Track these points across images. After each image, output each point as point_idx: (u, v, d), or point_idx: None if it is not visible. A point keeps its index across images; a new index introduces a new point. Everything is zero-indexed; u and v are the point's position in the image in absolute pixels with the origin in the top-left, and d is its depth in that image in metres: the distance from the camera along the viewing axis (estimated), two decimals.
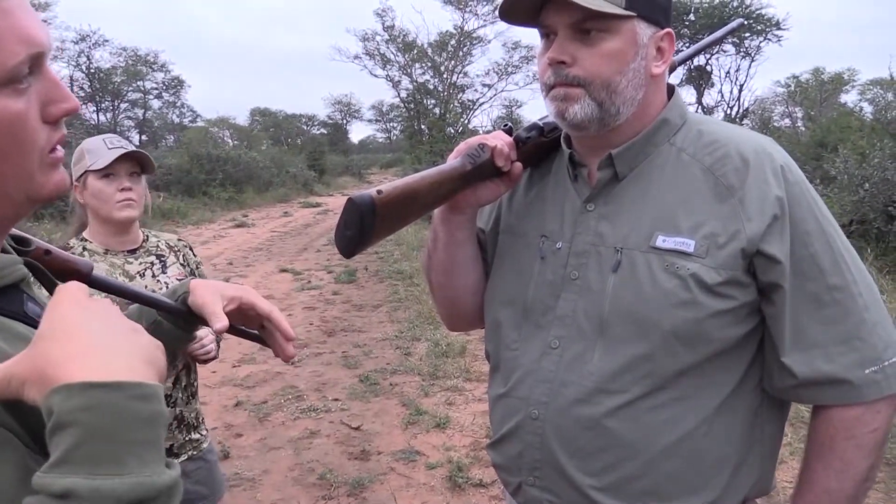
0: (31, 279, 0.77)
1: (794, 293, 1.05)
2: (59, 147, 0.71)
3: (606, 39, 1.06)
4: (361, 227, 1.06)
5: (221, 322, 0.94)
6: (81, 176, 1.89)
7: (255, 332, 1.03)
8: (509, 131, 1.20)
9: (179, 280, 1.98)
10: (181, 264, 2.07)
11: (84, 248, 1.92)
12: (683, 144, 1.14)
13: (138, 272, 1.94)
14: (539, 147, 1.23)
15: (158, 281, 1.97)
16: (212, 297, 0.96)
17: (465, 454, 3.88)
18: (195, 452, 2.01)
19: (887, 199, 6.98)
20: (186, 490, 1.83)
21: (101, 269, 1.90)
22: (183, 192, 19.29)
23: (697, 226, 1.07)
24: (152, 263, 2.00)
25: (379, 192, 1.06)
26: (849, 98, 31.69)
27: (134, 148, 1.93)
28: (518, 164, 1.18)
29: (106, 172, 1.87)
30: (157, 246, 2.04)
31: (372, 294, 8.23)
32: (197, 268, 2.14)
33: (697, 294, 1.04)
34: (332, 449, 4.02)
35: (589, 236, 1.14)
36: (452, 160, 1.14)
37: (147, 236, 2.04)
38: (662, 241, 1.07)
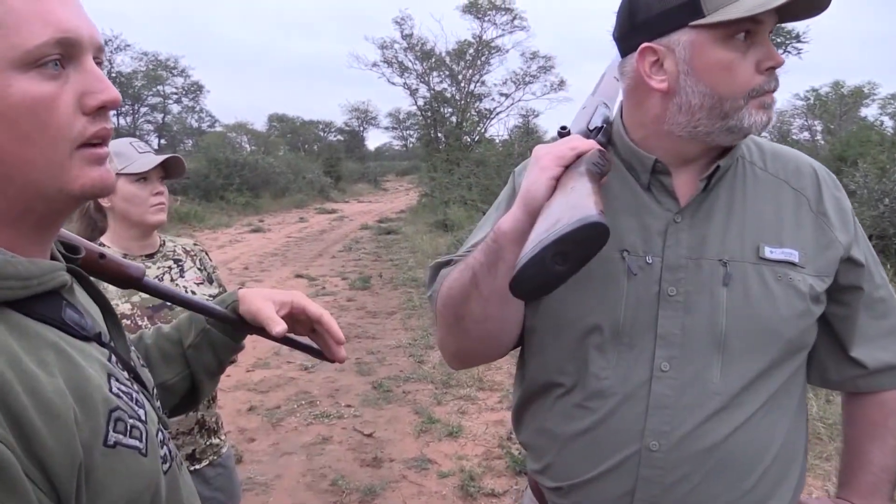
0: (75, 285, 0.76)
1: (864, 294, 1.14)
2: (103, 144, 0.70)
3: None
4: (583, 260, 0.91)
5: (280, 326, 0.95)
6: None
7: (305, 342, 1.04)
8: (566, 135, 1.08)
9: (197, 284, 2.01)
10: (198, 269, 2.07)
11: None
12: (752, 158, 1.14)
13: (156, 276, 1.94)
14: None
15: (177, 285, 1.97)
16: (264, 303, 0.98)
17: (478, 463, 3.86)
18: (216, 458, 2.00)
19: None
20: (206, 497, 1.82)
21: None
22: (200, 197, 19.43)
23: (795, 236, 1.08)
24: (170, 268, 2.00)
25: (601, 211, 0.89)
26: (869, 112, 31.45)
27: (156, 152, 1.96)
28: (606, 176, 1.06)
29: (141, 176, 1.89)
30: (174, 251, 2.05)
31: (386, 301, 8.23)
32: (214, 272, 2.14)
33: (809, 303, 1.07)
34: (345, 455, 4.01)
35: (683, 249, 1.07)
36: (575, 170, 0.98)
37: (164, 241, 2.05)
38: (770, 252, 1.06)
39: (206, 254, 2.17)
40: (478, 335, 1.13)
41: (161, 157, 1.91)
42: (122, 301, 1.81)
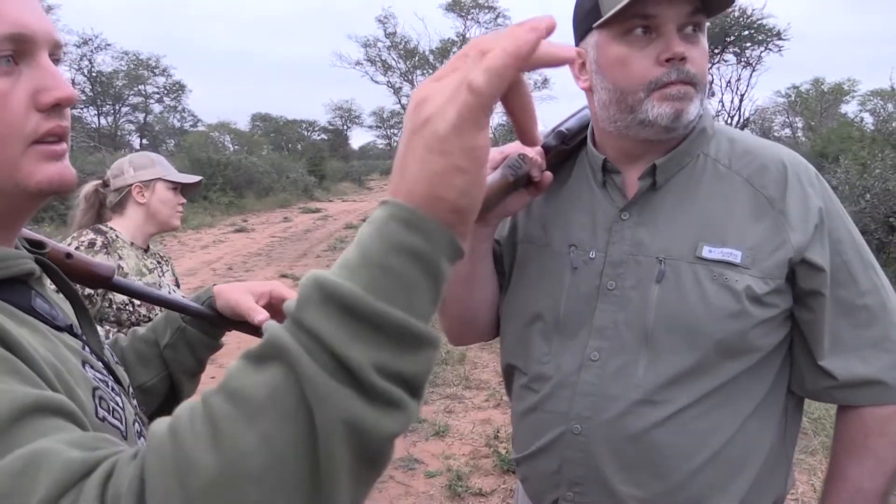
0: (43, 278, 0.76)
1: (831, 300, 1.09)
2: (60, 141, 0.70)
3: (702, 38, 1.07)
4: None
5: (262, 314, 0.95)
6: (151, 181, 2.26)
7: None
8: (556, 136, 1.17)
9: (175, 286, 2.37)
10: (172, 273, 2.44)
11: (117, 236, 2.22)
12: (717, 155, 1.14)
13: (151, 269, 2.28)
14: (559, 154, 1.19)
15: (163, 280, 2.29)
16: (243, 295, 0.97)
17: (465, 463, 3.86)
18: None
19: (888, 209, 6.98)
20: None
21: (130, 258, 2.15)
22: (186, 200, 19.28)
23: (741, 236, 1.07)
24: (158, 264, 2.35)
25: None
26: (849, 108, 31.82)
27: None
28: (548, 174, 1.11)
29: (175, 186, 2.32)
30: (157, 253, 2.41)
31: None
32: (177, 277, 2.50)
33: (746, 304, 1.06)
34: None
35: (626, 246, 1.11)
36: (493, 172, 1.06)
37: (149, 245, 2.38)
38: (709, 252, 1.07)
39: (173, 263, 2.55)
40: (454, 314, 1.28)
41: (196, 178, 2.43)
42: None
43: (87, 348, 0.75)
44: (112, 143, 29.68)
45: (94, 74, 31.44)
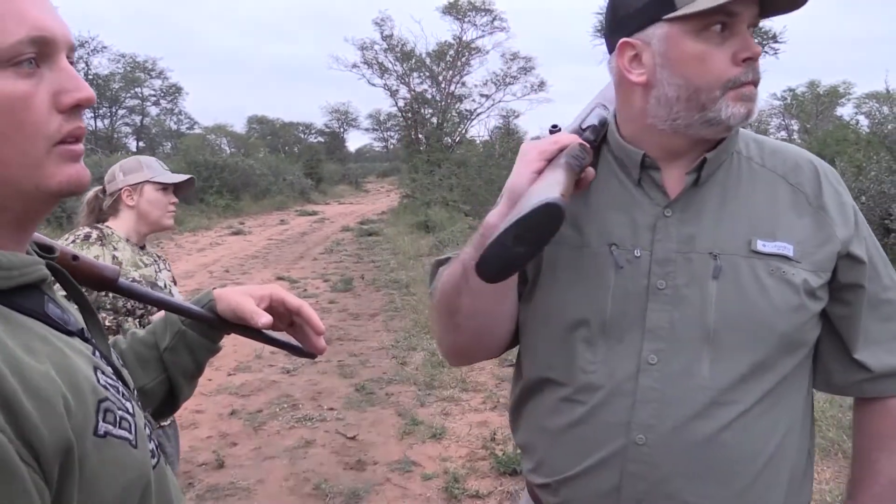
0: (54, 283, 0.77)
1: (867, 293, 1.10)
2: (77, 142, 0.70)
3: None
4: (540, 242, 0.93)
5: (264, 317, 0.95)
6: (139, 184, 2.33)
7: (284, 338, 1.03)
8: (556, 132, 1.08)
9: (172, 282, 2.42)
10: (168, 270, 2.49)
11: (112, 232, 2.29)
12: (749, 153, 1.13)
13: (148, 264, 2.35)
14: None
15: (159, 277, 2.36)
16: (244, 298, 0.97)
17: (462, 465, 3.86)
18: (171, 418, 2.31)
19: (884, 212, 7.00)
20: (169, 453, 1.93)
21: (125, 252, 2.20)
22: (180, 200, 19.23)
23: (789, 231, 1.07)
24: (155, 261, 2.41)
25: (563, 195, 0.91)
26: (845, 111, 31.87)
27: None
28: (591, 170, 1.06)
29: (163, 187, 2.37)
30: (151, 253, 2.46)
31: (368, 303, 8.22)
32: (174, 276, 2.54)
33: (804, 298, 1.05)
34: (328, 459, 3.99)
35: (672, 243, 1.07)
36: (555, 163, 0.99)
37: (145, 244, 2.44)
38: (763, 246, 1.05)
39: (169, 262, 2.61)
40: (470, 330, 1.14)
41: (184, 177, 2.46)
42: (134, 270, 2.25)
43: (97, 353, 0.75)
44: (108, 146, 29.61)
45: (90, 77, 31.38)
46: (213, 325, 1.00)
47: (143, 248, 2.39)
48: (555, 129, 1.08)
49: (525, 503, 1.25)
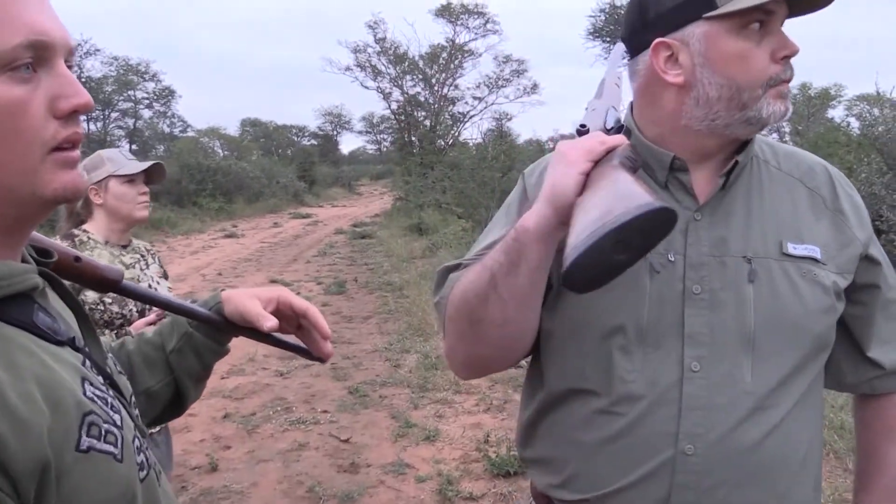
0: (46, 289, 0.76)
1: (881, 293, 1.13)
2: (74, 148, 0.69)
3: None
4: (646, 248, 0.88)
5: (271, 321, 0.94)
6: (103, 180, 2.23)
7: (291, 340, 1.03)
8: (586, 133, 1.02)
9: (159, 277, 2.37)
10: (158, 265, 2.42)
11: (88, 237, 2.22)
12: (765, 157, 1.13)
13: (130, 264, 2.28)
14: None
15: (146, 274, 2.31)
16: (251, 300, 0.97)
17: (455, 467, 3.86)
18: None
19: (875, 213, 7.03)
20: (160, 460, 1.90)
21: (103, 256, 2.12)
22: (173, 202, 19.23)
23: (813, 233, 1.08)
24: (140, 258, 2.34)
25: (661, 199, 0.85)
26: (836, 113, 31.97)
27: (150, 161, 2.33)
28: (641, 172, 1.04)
29: (129, 178, 2.24)
30: (139, 248, 2.39)
31: (362, 305, 8.21)
32: (165, 269, 2.48)
33: (833, 299, 1.07)
34: (321, 461, 3.99)
35: (705, 247, 1.05)
36: (608, 165, 0.92)
37: (131, 240, 2.38)
38: (794, 249, 1.06)
39: (160, 256, 2.54)
40: (495, 340, 1.06)
41: (147, 164, 2.28)
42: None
43: (88, 362, 0.74)
44: (101, 149, 29.48)
45: (83, 80, 31.28)
46: (220, 327, 0.99)
47: (126, 246, 2.30)
48: (583, 128, 1.02)
49: None
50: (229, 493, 3.59)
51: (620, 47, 1.15)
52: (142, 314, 2.16)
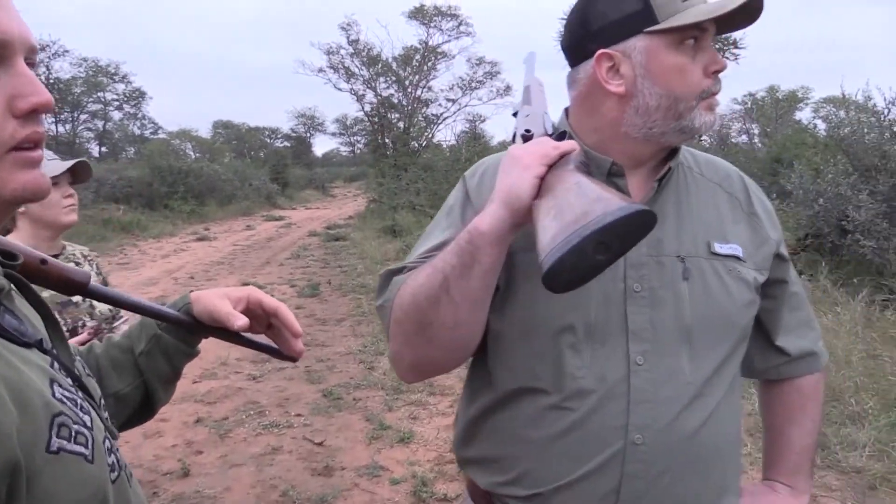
0: (12, 292, 0.75)
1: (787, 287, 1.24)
2: (35, 148, 0.68)
3: None
4: (624, 249, 0.91)
5: (241, 320, 0.93)
6: None
7: (261, 340, 1.02)
8: (531, 138, 1.05)
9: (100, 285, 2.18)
10: (95, 273, 2.23)
11: None
12: (689, 164, 1.21)
13: None
14: None
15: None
16: (220, 300, 0.96)
17: (430, 469, 3.86)
18: None
19: (841, 213, 7.14)
20: None
21: None
22: (144, 205, 19.01)
23: (735, 233, 1.17)
24: (77, 266, 2.17)
25: (634, 202, 0.89)
26: (803, 115, 32.51)
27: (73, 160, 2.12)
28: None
29: (53, 180, 1.96)
30: (74, 254, 2.22)
31: (335, 308, 8.18)
32: (106, 277, 2.33)
33: (754, 294, 1.16)
34: (295, 465, 3.97)
35: (643, 248, 1.08)
36: (564, 169, 0.96)
37: (65, 246, 2.20)
38: (720, 248, 1.13)
39: (99, 261, 2.35)
40: (445, 343, 1.08)
41: (69, 163, 2.06)
42: None
43: (56, 364, 0.73)
44: (70, 151, 29.05)
45: (51, 81, 30.73)
46: (189, 328, 0.98)
47: (58, 255, 2.11)
48: (528, 133, 1.06)
49: None
50: (202, 499, 3.56)
51: (534, 55, 1.19)
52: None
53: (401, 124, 26.15)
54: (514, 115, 1.13)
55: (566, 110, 1.19)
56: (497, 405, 1.16)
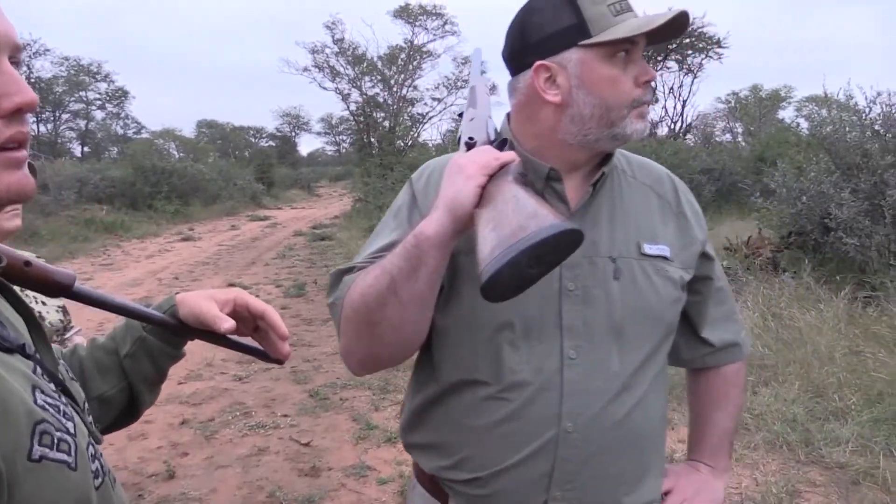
0: None
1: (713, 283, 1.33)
2: (20, 148, 0.67)
3: None
4: (556, 263, 0.97)
5: (228, 323, 0.93)
6: None
7: (248, 343, 1.01)
8: (474, 145, 1.12)
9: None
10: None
11: None
12: (623, 168, 1.28)
13: None
14: None
15: (26, 294, 1.99)
16: (207, 302, 0.95)
17: None
18: None
19: (823, 211, 7.19)
20: None
21: None
22: (127, 206, 18.86)
23: (664, 234, 1.24)
24: None
25: (565, 218, 0.95)
26: (786, 114, 32.78)
27: None
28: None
29: None
30: None
31: (321, 308, 8.14)
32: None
33: (680, 291, 1.24)
34: (282, 466, 3.95)
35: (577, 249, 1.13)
36: (503, 179, 1.00)
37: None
38: (649, 249, 1.21)
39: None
40: (393, 339, 1.14)
41: None
42: None
43: (38, 369, 0.72)
44: (52, 151, 28.79)
45: (32, 80, 30.44)
46: (175, 331, 0.97)
47: None
48: (471, 141, 1.13)
49: (420, 500, 1.31)
50: (187, 501, 3.53)
51: (479, 52, 1.31)
52: None
53: (386, 123, 26.12)
54: (460, 116, 1.19)
55: (508, 116, 1.25)
56: (441, 396, 1.23)
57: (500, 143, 1.14)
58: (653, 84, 1.17)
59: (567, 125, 1.15)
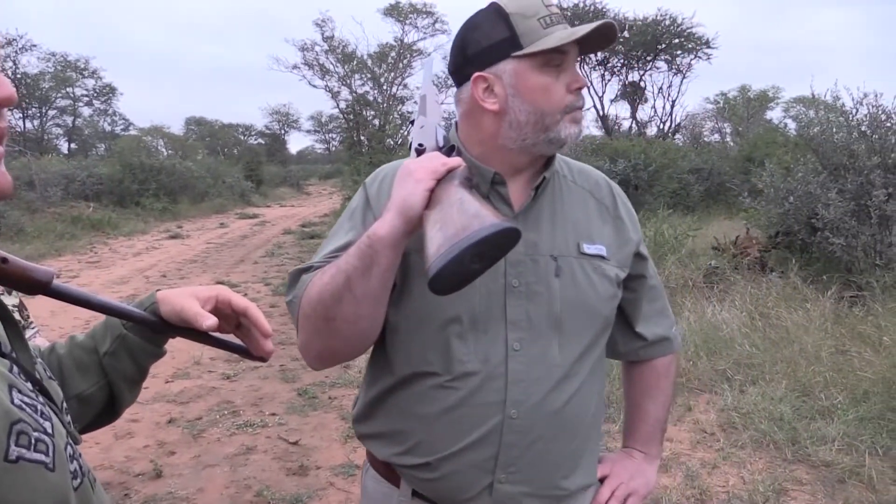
0: None
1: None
2: None
3: None
4: (495, 259, 1.06)
5: (209, 320, 0.92)
6: None
7: (230, 340, 1.00)
8: (423, 152, 1.21)
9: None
10: None
11: None
12: (564, 172, 1.36)
13: None
14: None
15: None
16: (188, 299, 0.94)
17: None
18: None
19: (811, 211, 7.22)
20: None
21: None
22: (114, 203, 18.73)
23: (601, 235, 1.32)
24: None
25: (509, 218, 1.04)
26: (774, 115, 32.96)
27: None
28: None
29: None
30: None
31: None
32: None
33: (616, 288, 1.33)
34: (270, 465, 3.94)
35: (521, 248, 1.18)
36: (450, 183, 1.08)
37: None
38: (587, 248, 1.29)
39: None
40: (348, 335, 1.21)
41: None
42: None
43: (15, 368, 0.71)
44: (38, 148, 28.55)
45: (18, 76, 30.15)
46: (156, 328, 0.96)
47: None
48: (421, 147, 1.21)
49: (373, 482, 1.39)
50: (174, 500, 3.52)
51: (431, 62, 1.39)
52: None
53: (376, 122, 26.09)
54: (412, 122, 1.26)
55: (455, 124, 1.34)
56: (394, 387, 1.31)
57: (449, 150, 1.21)
58: (583, 91, 1.26)
59: (506, 131, 1.23)
